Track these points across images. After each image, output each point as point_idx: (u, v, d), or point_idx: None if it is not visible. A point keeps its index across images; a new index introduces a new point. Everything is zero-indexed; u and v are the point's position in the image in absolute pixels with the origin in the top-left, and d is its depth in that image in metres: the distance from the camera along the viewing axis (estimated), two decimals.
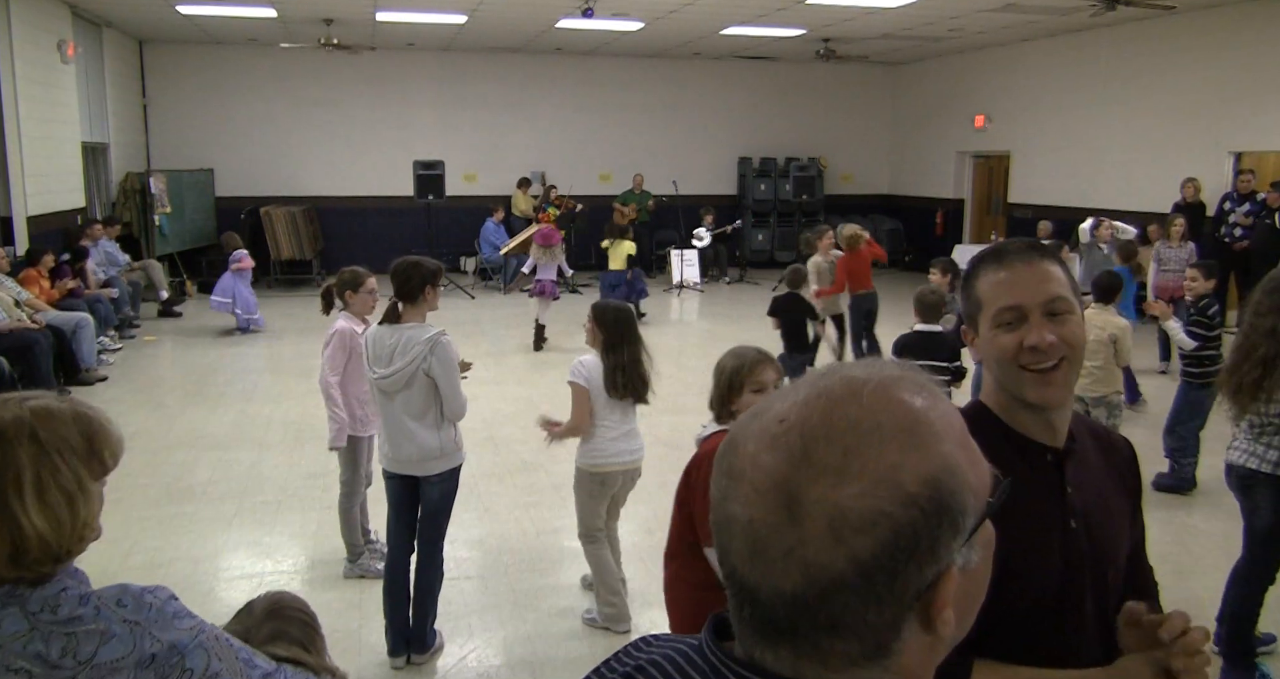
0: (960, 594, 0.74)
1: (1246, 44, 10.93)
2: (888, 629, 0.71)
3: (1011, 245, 1.52)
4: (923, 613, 0.72)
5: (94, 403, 1.57)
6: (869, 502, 0.69)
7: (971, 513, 0.73)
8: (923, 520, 0.70)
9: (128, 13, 12.45)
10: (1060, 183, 13.76)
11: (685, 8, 11.73)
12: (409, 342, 3.82)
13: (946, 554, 0.71)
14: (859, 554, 0.69)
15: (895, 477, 0.70)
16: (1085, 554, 1.47)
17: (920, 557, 0.70)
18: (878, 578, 0.69)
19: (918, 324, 5.77)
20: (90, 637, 1.37)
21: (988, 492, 0.77)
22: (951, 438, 0.74)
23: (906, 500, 0.69)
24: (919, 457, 0.71)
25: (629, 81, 16.75)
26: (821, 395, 0.74)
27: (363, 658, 3.97)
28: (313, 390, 8.41)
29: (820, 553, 0.69)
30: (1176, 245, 9.44)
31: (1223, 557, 5.09)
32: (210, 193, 15.04)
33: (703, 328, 12.30)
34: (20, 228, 9.74)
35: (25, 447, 1.39)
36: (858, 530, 0.69)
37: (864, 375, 0.76)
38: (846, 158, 17.86)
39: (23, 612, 1.37)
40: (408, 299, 3.90)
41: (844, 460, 0.70)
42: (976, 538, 0.74)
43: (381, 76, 15.74)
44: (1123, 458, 1.64)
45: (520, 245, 13.99)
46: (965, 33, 13.57)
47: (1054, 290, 1.46)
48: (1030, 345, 1.43)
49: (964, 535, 0.72)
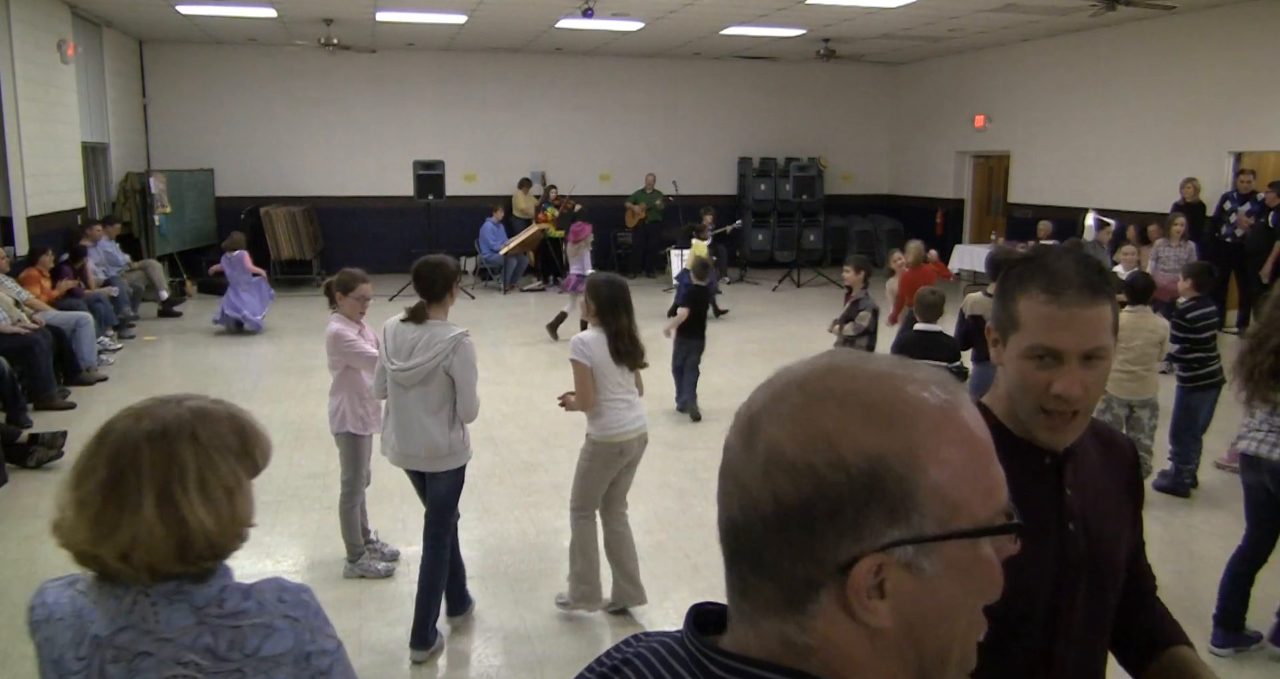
0: (911, 598, 0.72)
1: (1246, 44, 10.93)
2: (803, 585, 0.73)
3: (1068, 274, 1.40)
4: (841, 591, 0.72)
5: (94, 403, 1.59)
6: (802, 451, 0.72)
7: (929, 517, 0.71)
8: (848, 489, 0.70)
9: (128, 13, 12.45)
10: (1060, 183, 13.76)
11: (685, 8, 11.73)
12: (433, 338, 3.88)
13: (874, 536, 0.71)
14: (781, 496, 0.72)
15: (834, 437, 0.72)
16: (1082, 557, 1.47)
17: (841, 525, 0.71)
18: (793, 525, 0.72)
19: (917, 324, 5.77)
20: (256, 630, 1.42)
21: (983, 518, 0.74)
22: (936, 438, 0.73)
23: (836, 462, 0.71)
24: (875, 433, 0.72)
25: (629, 81, 16.75)
26: (831, 361, 0.78)
27: (363, 658, 3.97)
28: (313, 390, 8.43)
29: (754, 483, 0.74)
30: (1177, 245, 9.44)
31: (1223, 557, 5.09)
32: (210, 193, 15.04)
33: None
34: (20, 228, 9.74)
35: (187, 444, 1.44)
36: (785, 472, 0.72)
37: (892, 361, 0.79)
38: (846, 158, 17.86)
39: (190, 607, 1.41)
40: (434, 299, 3.97)
41: (804, 410, 0.74)
42: (939, 549, 0.72)
43: (381, 76, 15.74)
44: (1125, 458, 1.62)
45: (520, 245, 14.02)
46: (965, 33, 13.57)
47: (1097, 340, 1.39)
48: (1057, 393, 1.39)
49: (906, 530, 0.71)
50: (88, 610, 1.43)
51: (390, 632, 4.17)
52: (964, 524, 0.73)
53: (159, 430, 1.44)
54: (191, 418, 1.47)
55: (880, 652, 0.74)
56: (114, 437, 1.45)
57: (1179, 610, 4.68)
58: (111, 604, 1.41)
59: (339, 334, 4.60)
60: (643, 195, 15.63)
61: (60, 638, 1.41)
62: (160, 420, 1.45)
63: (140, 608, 1.40)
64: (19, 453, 6.21)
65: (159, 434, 1.43)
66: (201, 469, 1.43)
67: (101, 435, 1.46)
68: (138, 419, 1.46)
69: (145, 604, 1.40)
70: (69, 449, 6.34)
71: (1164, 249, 9.41)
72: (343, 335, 4.60)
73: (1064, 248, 1.48)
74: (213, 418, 1.50)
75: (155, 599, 1.41)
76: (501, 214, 15.01)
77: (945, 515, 0.72)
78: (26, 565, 4.79)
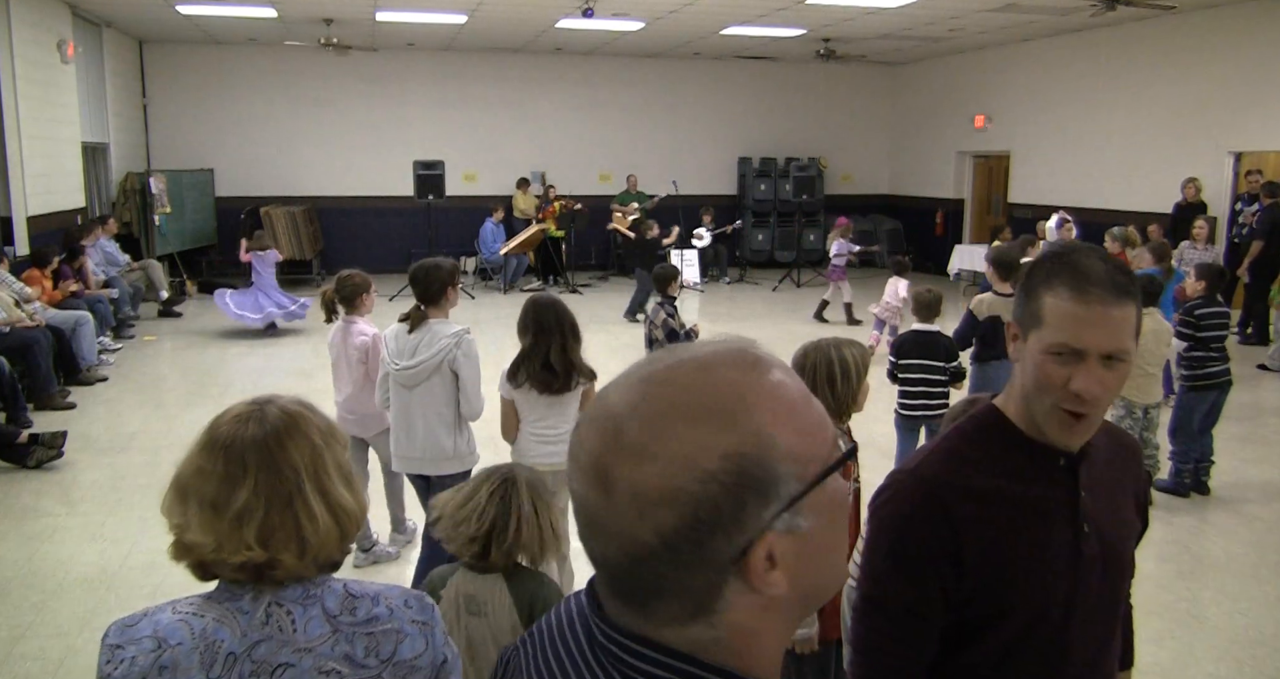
0: (795, 556, 0.77)
1: (1246, 44, 10.92)
2: (707, 592, 0.76)
3: (1096, 272, 1.38)
4: (742, 576, 0.76)
5: (94, 403, 1.58)
6: (666, 480, 0.74)
7: (791, 480, 0.76)
8: (723, 494, 0.73)
9: (128, 13, 12.45)
10: (1060, 183, 13.76)
11: (685, 8, 11.73)
12: (435, 335, 3.88)
13: (757, 523, 0.75)
14: (662, 527, 0.74)
15: (693, 455, 0.74)
16: (1097, 557, 1.47)
17: (726, 527, 0.74)
18: (683, 547, 0.74)
19: (915, 324, 5.77)
20: (388, 636, 1.43)
21: (826, 456, 0.79)
22: (772, 409, 0.77)
23: (704, 477, 0.73)
24: (723, 434, 0.75)
25: (629, 81, 16.75)
26: (644, 380, 0.79)
27: None
28: (313, 390, 8.40)
29: (629, 526, 0.75)
30: (1202, 247, 9.37)
31: (1223, 557, 5.09)
32: (210, 193, 15.04)
33: (703, 328, 12.27)
34: (20, 228, 9.74)
35: (315, 435, 1.46)
36: (658, 505, 0.74)
37: (687, 355, 0.81)
38: (846, 158, 17.85)
39: (325, 615, 1.41)
40: (431, 301, 3.96)
41: (648, 441, 0.75)
42: (804, 503, 0.77)
43: (381, 76, 15.74)
44: (1133, 459, 1.63)
45: (520, 245, 14.01)
46: (965, 33, 13.57)
47: (1121, 342, 1.38)
48: (1076, 391, 1.38)
49: (779, 503, 0.75)
50: (213, 629, 1.38)
51: None
52: (816, 469, 0.78)
53: (290, 426, 1.45)
54: (300, 409, 1.49)
55: (776, 613, 0.79)
56: (245, 444, 1.43)
57: (1179, 611, 4.70)
58: (241, 619, 1.39)
59: (380, 339, 4.33)
60: (627, 197, 15.62)
61: (186, 663, 1.36)
62: (277, 419, 1.46)
63: (276, 618, 1.39)
64: (19, 453, 6.21)
65: (288, 430, 1.44)
66: (335, 456, 1.47)
67: (225, 447, 1.43)
68: (252, 423, 1.45)
69: (280, 614, 1.40)
70: (69, 449, 6.34)
71: (1188, 251, 9.38)
72: (379, 342, 4.37)
73: (1090, 247, 1.46)
74: (311, 409, 1.52)
75: (289, 608, 1.40)
76: (502, 214, 15.01)
77: (801, 472, 0.77)
78: (26, 565, 4.79)
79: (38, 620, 4.18)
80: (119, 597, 4.36)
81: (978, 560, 1.43)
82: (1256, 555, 5.14)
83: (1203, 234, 9.43)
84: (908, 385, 5.49)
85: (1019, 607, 1.45)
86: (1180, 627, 4.28)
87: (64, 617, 4.22)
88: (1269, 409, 8.09)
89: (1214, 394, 5.83)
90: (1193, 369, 5.81)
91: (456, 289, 4.05)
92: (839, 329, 10.82)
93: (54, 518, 5.47)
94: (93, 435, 6.89)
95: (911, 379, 5.46)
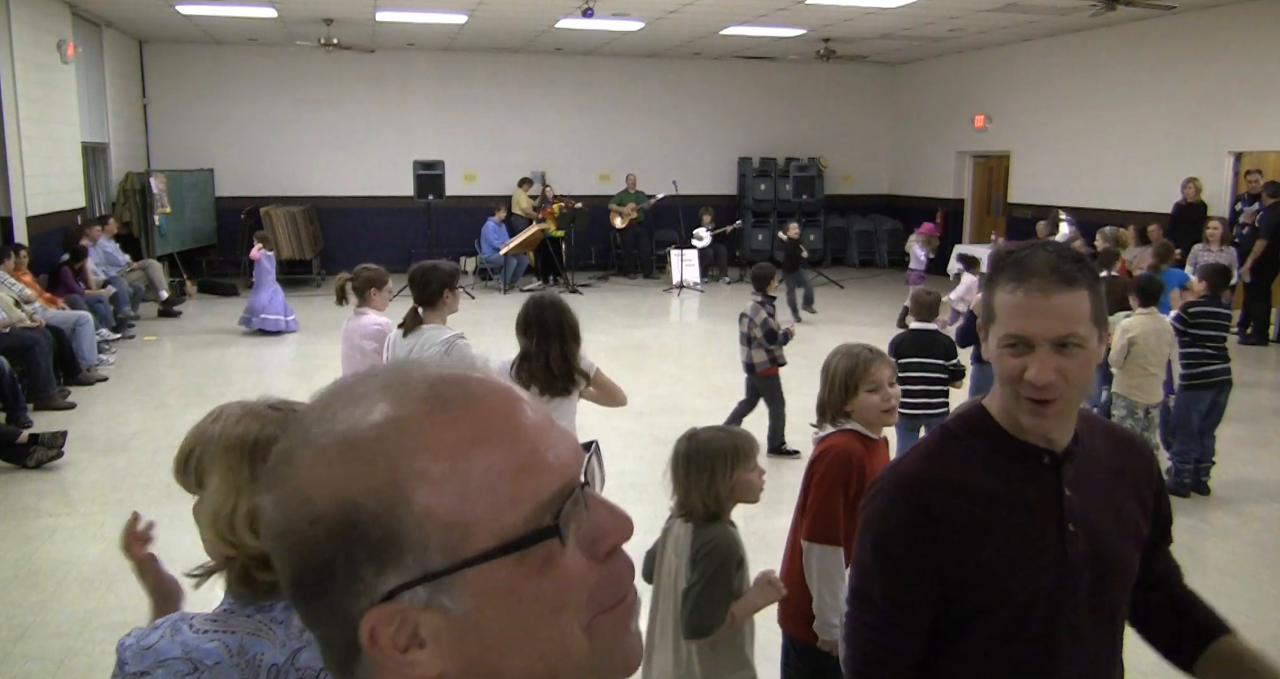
0: (457, 637, 0.62)
1: (1246, 44, 10.92)
2: (344, 649, 0.65)
3: (1037, 264, 1.42)
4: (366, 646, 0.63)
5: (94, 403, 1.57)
6: (280, 512, 0.65)
7: (428, 549, 0.61)
8: (328, 543, 0.62)
9: (128, 13, 12.45)
10: (1060, 183, 13.76)
11: (685, 8, 11.73)
12: (428, 341, 3.86)
13: (367, 588, 0.62)
14: (283, 561, 0.65)
15: (308, 490, 0.63)
16: (1084, 556, 1.47)
17: (340, 582, 0.62)
18: (305, 592, 0.65)
19: (913, 322, 5.78)
20: None
21: (510, 528, 0.62)
22: (432, 457, 0.62)
23: (312, 518, 0.62)
24: (347, 472, 0.62)
25: (629, 81, 16.75)
26: (337, 390, 0.69)
27: None
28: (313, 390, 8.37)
29: (270, 551, 0.67)
30: (1216, 249, 9.33)
31: (1224, 557, 5.10)
32: (210, 193, 15.04)
33: (703, 328, 12.30)
34: (20, 228, 9.74)
35: None
36: (274, 538, 0.65)
37: (398, 372, 0.68)
38: (846, 158, 17.85)
39: None
40: (427, 304, 3.93)
41: (284, 465, 0.65)
42: (459, 580, 0.61)
43: (381, 76, 15.74)
44: (1143, 462, 1.63)
45: (521, 245, 14.01)
46: (965, 33, 13.57)
47: (1068, 327, 1.40)
48: (1029, 380, 1.41)
49: (402, 573, 0.61)
50: (250, 644, 1.31)
51: None
52: (486, 543, 0.61)
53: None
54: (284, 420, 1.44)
55: None
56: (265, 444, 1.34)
57: None
58: (279, 629, 1.34)
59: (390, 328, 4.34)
60: (626, 196, 15.62)
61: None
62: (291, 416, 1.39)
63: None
64: (19, 453, 6.21)
65: None
66: None
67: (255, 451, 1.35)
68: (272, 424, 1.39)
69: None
70: (69, 449, 6.33)
71: (1202, 254, 9.36)
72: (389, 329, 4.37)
73: (1042, 243, 1.49)
74: None
75: None
76: (504, 213, 15.02)
77: (454, 542, 0.61)
78: (26, 565, 4.79)
79: (37, 621, 4.17)
80: (119, 597, 4.35)
81: (958, 557, 1.46)
82: (1256, 555, 5.14)
83: (1216, 235, 9.38)
84: (907, 385, 5.48)
85: (1001, 604, 1.47)
86: None
87: (64, 617, 4.22)
88: (1269, 409, 8.09)
89: (1212, 393, 5.84)
90: (1189, 368, 5.86)
91: (455, 292, 4.00)
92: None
93: (54, 518, 5.47)
94: (93, 435, 6.89)
95: (911, 378, 5.45)
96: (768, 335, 6.33)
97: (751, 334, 6.37)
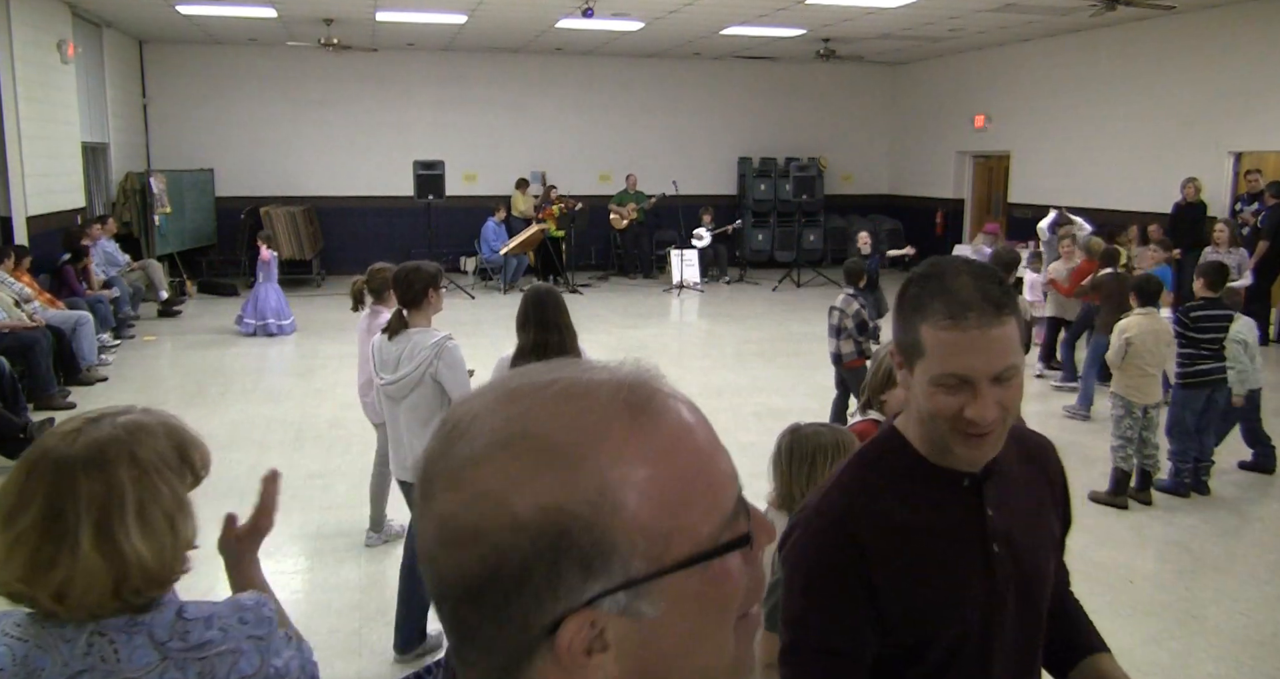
0: (639, 645, 0.63)
1: (1246, 44, 10.92)
2: (516, 654, 0.64)
3: (967, 294, 1.31)
4: (554, 651, 0.63)
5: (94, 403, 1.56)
6: (471, 516, 0.63)
7: (634, 556, 0.62)
8: (531, 551, 0.61)
9: (128, 13, 12.45)
10: (1060, 183, 13.75)
11: (685, 8, 11.73)
12: (416, 347, 3.81)
13: (573, 594, 0.61)
14: (464, 568, 0.63)
15: (506, 495, 0.62)
16: (1011, 577, 1.44)
17: (535, 589, 0.62)
18: (486, 598, 0.63)
19: None
20: (223, 659, 1.35)
21: (705, 535, 0.64)
22: (633, 465, 0.63)
23: (513, 525, 0.61)
24: (551, 479, 0.62)
25: (629, 81, 16.75)
26: (508, 392, 0.67)
27: (364, 659, 3.97)
28: (313, 391, 8.45)
29: (438, 558, 0.65)
30: (1224, 250, 9.27)
31: (1223, 557, 5.09)
32: (210, 193, 15.04)
33: (703, 328, 12.30)
34: (20, 228, 9.74)
35: (125, 469, 1.33)
36: (460, 544, 0.63)
37: (566, 374, 0.68)
38: (846, 158, 17.86)
39: (151, 642, 1.32)
40: (412, 305, 3.88)
41: (470, 466, 0.64)
42: (653, 587, 0.62)
43: (381, 76, 15.74)
44: (1047, 461, 1.58)
45: (520, 245, 14.01)
46: (965, 33, 13.57)
47: (1006, 360, 1.32)
48: (971, 419, 1.33)
49: (609, 580, 0.62)
50: (35, 657, 1.28)
51: (390, 633, 4.17)
52: (684, 550, 0.63)
53: (95, 456, 1.32)
54: (127, 437, 1.35)
55: None
56: (48, 465, 1.31)
57: (1179, 611, 4.68)
58: (64, 648, 1.29)
59: None
60: (626, 196, 15.62)
61: None
62: (96, 444, 1.33)
63: (98, 648, 1.30)
64: (19, 448, 6.21)
65: (96, 461, 1.31)
66: (141, 497, 1.32)
67: (33, 463, 1.33)
68: (70, 443, 1.33)
69: (103, 643, 1.30)
70: None
71: (1211, 255, 9.35)
72: None
73: (958, 261, 1.38)
74: (149, 433, 1.37)
75: (113, 637, 1.31)
76: (504, 214, 15.02)
77: (657, 550, 0.62)
78: None
79: None
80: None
81: (891, 592, 1.39)
82: (1256, 555, 5.14)
83: (1224, 237, 9.34)
84: None
85: (937, 638, 1.42)
86: (1180, 627, 4.28)
87: None
88: (1269, 410, 8.08)
89: (1207, 391, 5.85)
90: (1183, 367, 5.88)
91: (439, 293, 3.96)
92: None
93: None
94: None
95: None
96: (859, 327, 6.41)
97: (843, 325, 6.44)
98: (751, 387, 8.36)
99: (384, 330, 3.95)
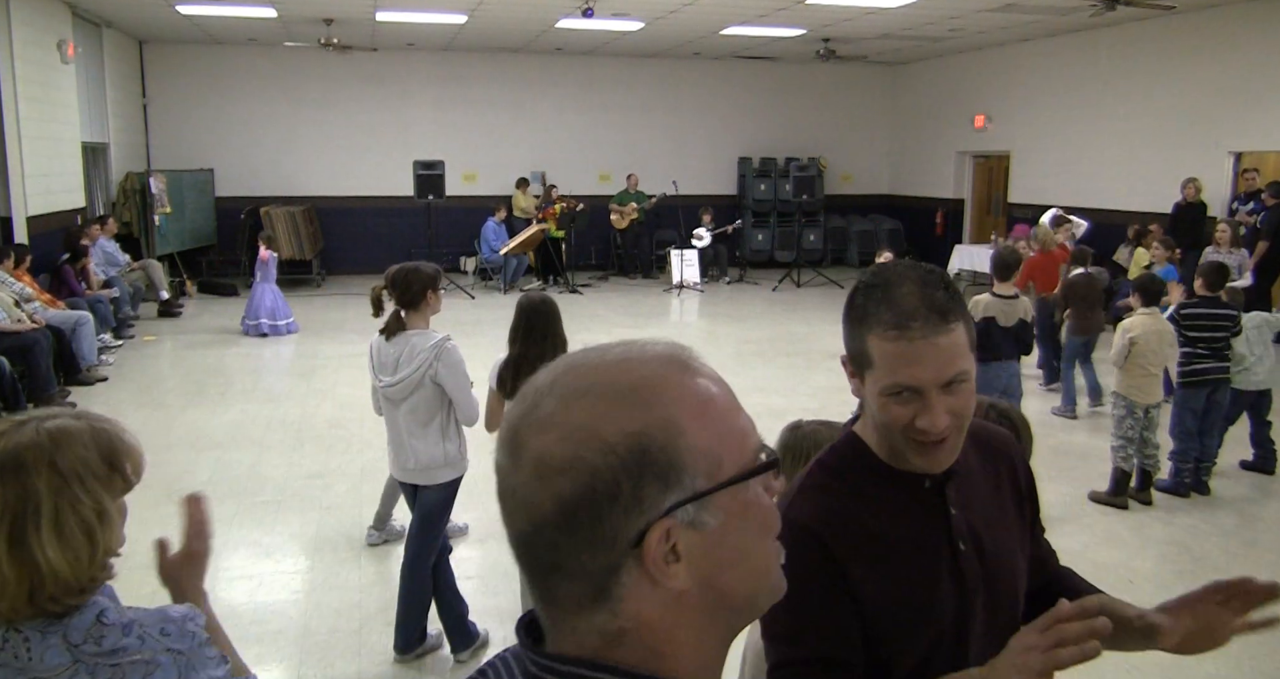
0: (702, 553, 0.78)
1: (1246, 44, 10.92)
2: (605, 574, 0.77)
3: (911, 303, 1.31)
4: (640, 562, 0.76)
5: (94, 403, 1.56)
6: (567, 447, 0.76)
7: (699, 475, 0.77)
8: (620, 467, 0.75)
9: (128, 13, 12.45)
10: (1060, 183, 13.75)
11: (685, 8, 11.73)
12: (414, 349, 3.78)
13: (654, 507, 0.76)
14: (561, 494, 0.76)
15: (595, 426, 0.76)
16: (979, 576, 1.44)
17: (624, 503, 0.75)
18: (581, 519, 0.75)
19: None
20: (136, 668, 1.34)
21: (744, 464, 0.80)
22: (688, 405, 0.79)
23: (604, 448, 0.75)
24: (631, 413, 0.77)
25: (629, 81, 16.75)
26: (571, 365, 0.82)
27: (364, 659, 3.97)
28: (313, 391, 8.45)
29: (532, 493, 0.77)
30: (1226, 251, 9.24)
31: (1223, 557, 5.09)
32: (210, 193, 15.04)
33: (703, 328, 12.30)
34: (20, 228, 9.74)
35: (44, 476, 1.32)
36: (558, 472, 0.76)
37: (619, 348, 0.83)
38: (846, 158, 17.86)
39: (65, 644, 1.32)
40: (410, 306, 3.85)
41: (557, 411, 0.78)
42: (712, 500, 0.78)
43: (381, 76, 15.74)
44: (1006, 456, 1.58)
45: (521, 245, 14.01)
46: (965, 33, 13.57)
47: (956, 367, 1.32)
48: (923, 428, 1.33)
49: (681, 492, 0.76)
50: None
51: (390, 633, 4.16)
52: (731, 471, 0.79)
53: (12, 462, 1.31)
54: (50, 443, 1.34)
55: (688, 612, 0.79)
56: None
57: None
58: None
59: None
60: (626, 196, 15.62)
61: None
62: (15, 450, 1.32)
63: (13, 644, 1.31)
64: None
65: (12, 467, 1.31)
66: (57, 506, 1.31)
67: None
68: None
69: (17, 640, 1.31)
70: None
71: (1213, 255, 9.34)
72: None
73: (904, 268, 1.37)
74: (74, 439, 1.36)
75: (28, 635, 1.31)
76: (504, 213, 15.02)
77: (711, 470, 0.78)
78: None
79: None
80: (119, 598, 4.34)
81: (867, 599, 1.39)
82: (1256, 555, 5.14)
83: (1225, 237, 9.32)
84: None
85: (912, 641, 1.41)
86: None
87: None
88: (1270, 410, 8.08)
89: (1207, 391, 5.86)
90: (1182, 366, 5.90)
91: (438, 294, 3.93)
92: None
93: None
94: None
95: None
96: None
97: None
98: (751, 387, 8.35)
99: (381, 332, 3.92)
